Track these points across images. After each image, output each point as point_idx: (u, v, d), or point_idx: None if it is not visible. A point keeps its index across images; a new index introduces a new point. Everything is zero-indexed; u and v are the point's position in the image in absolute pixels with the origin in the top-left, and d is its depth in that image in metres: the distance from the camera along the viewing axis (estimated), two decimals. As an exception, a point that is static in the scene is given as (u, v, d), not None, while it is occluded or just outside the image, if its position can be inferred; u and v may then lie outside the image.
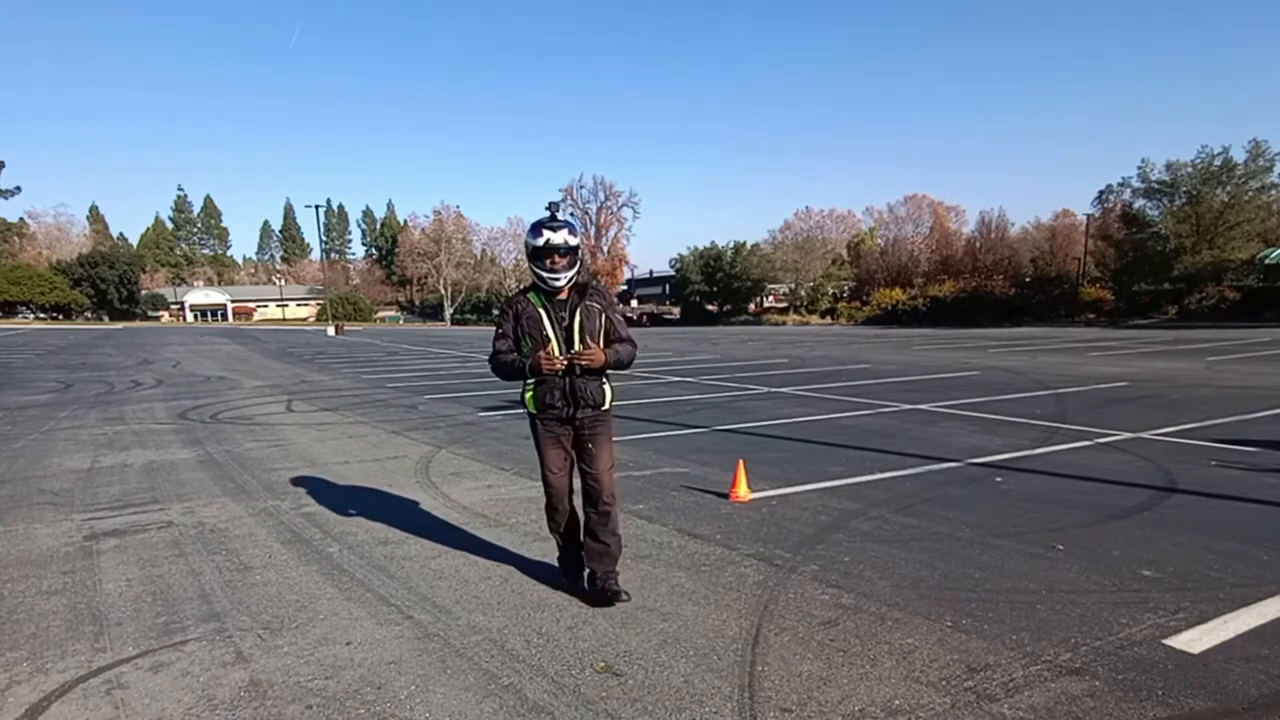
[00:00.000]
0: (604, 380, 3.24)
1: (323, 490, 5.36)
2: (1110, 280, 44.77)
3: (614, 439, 3.36)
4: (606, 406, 3.24)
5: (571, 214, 68.07)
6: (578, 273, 3.18)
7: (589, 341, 3.14)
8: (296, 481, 5.63)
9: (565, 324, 3.13)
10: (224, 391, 12.38)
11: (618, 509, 3.33)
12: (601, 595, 3.19)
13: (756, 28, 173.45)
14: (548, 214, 3.14)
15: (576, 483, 3.34)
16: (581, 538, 3.36)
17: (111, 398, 11.60)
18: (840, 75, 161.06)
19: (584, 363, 3.10)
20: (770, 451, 6.51)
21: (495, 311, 3.34)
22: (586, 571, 3.32)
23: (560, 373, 3.10)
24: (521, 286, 3.36)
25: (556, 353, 3.10)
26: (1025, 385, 11.25)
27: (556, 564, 3.55)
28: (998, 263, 53.93)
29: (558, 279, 3.11)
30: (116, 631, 3.00)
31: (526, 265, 3.24)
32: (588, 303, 3.18)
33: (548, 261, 3.09)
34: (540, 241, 3.07)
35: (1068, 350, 19.16)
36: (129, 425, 8.65)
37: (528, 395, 3.22)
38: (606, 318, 3.23)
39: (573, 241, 3.09)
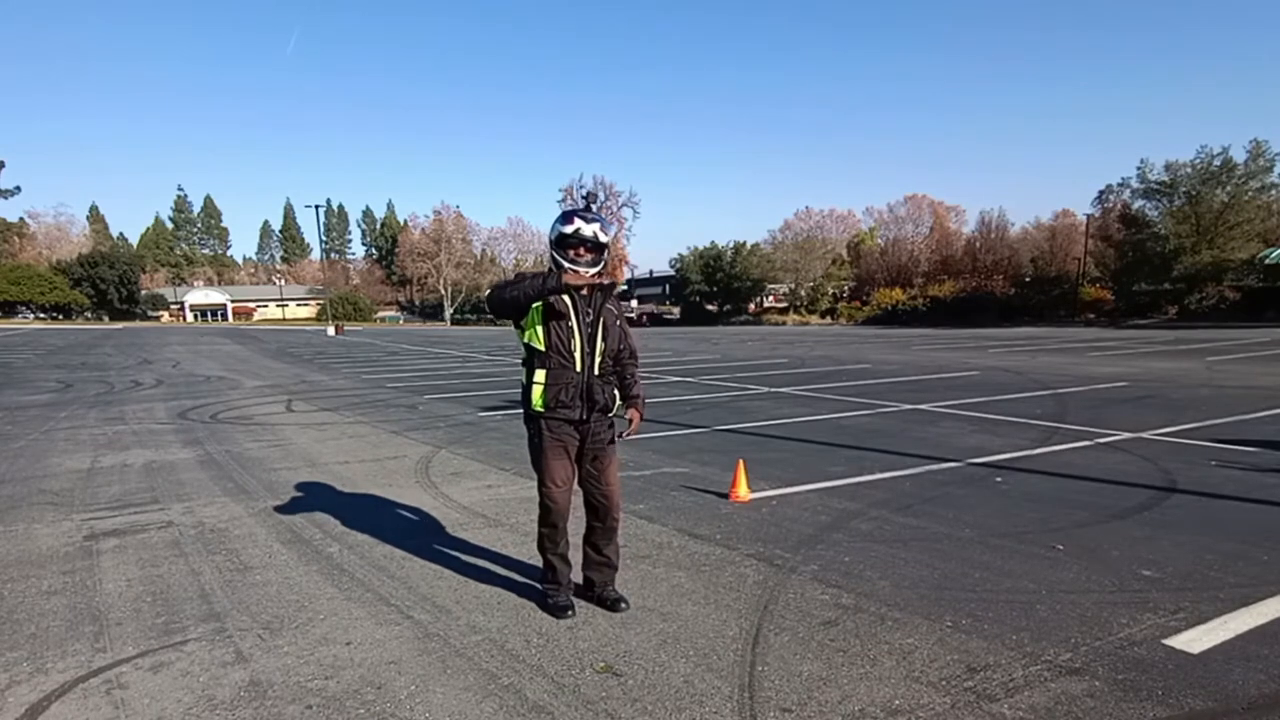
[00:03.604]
0: (615, 383, 3.14)
1: (323, 490, 5.36)
2: (1110, 280, 44.75)
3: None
4: (615, 410, 3.13)
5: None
6: (599, 274, 3.00)
7: (631, 415, 3.14)
8: (297, 481, 5.63)
9: (589, 320, 2.99)
10: (224, 391, 12.37)
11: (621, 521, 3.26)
12: (600, 604, 3.17)
13: (757, 27, 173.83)
14: (583, 204, 3.02)
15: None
16: (582, 545, 3.26)
17: (111, 398, 11.59)
18: (840, 75, 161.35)
19: (635, 432, 3.17)
20: (770, 451, 6.51)
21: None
22: (583, 578, 3.27)
23: (578, 370, 2.97)
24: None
25: (577, 352, 2.96)
26: (1025, 385, 11.25)
27: (540, 585, 3.26)
28: (998, 263, 53.91)
29: (579, 273, 2.93)
30: (116, 631, 3.00)
31: (549, 254, 3.03)
32: (609, 306, 3.04)
33: (571, 252, 2.93)
34: (569, 229, 2.91)
35: (1068, 350, 19.16)
36: (129, 425, 8.65)
37: (536, 391, 2.98)
38: (621, 326, 3.10)
39: (602, 238, 2.95)
